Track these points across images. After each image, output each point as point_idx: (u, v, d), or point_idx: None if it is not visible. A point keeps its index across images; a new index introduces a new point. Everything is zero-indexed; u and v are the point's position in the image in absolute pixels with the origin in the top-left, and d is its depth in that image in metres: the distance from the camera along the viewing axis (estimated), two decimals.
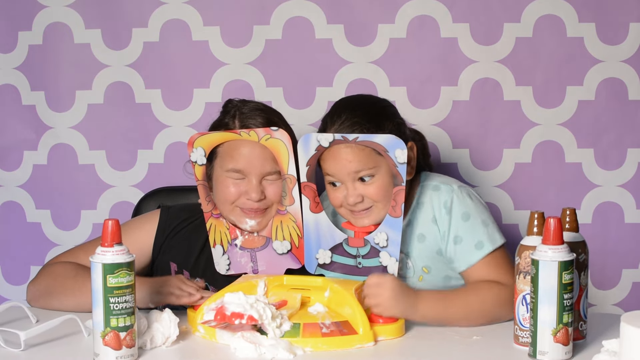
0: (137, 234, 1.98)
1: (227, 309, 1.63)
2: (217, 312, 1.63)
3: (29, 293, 1.90)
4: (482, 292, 1.77)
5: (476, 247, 1.82)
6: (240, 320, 1.61)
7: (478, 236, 1.83)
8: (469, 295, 1.77)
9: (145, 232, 1.99)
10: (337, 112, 1.84)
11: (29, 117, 2.44)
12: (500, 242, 1.84)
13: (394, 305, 1.70)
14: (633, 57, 2.34)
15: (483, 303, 1.75)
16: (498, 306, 1.74)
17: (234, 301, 1.64)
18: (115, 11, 2.38)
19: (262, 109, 1.93)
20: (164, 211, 2.01)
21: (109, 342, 1.53)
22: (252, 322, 1.61)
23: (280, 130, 1.78)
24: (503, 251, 1.85)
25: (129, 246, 1.93)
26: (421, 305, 1.72)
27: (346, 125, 1.80)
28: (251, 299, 1.64)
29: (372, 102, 1.91)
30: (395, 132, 1.78)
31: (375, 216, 1.81)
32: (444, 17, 2.34)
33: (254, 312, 1.61)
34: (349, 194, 1.79)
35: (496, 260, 1.82)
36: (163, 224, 1.99)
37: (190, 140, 1.82)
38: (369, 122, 1.80)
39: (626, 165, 2.37)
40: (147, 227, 1.99)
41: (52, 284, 1.86)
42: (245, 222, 1.86)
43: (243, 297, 1.65)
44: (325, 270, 1.83)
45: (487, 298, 1.75)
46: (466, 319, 1.74)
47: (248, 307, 1.62)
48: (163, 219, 2.00)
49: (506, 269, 1.79)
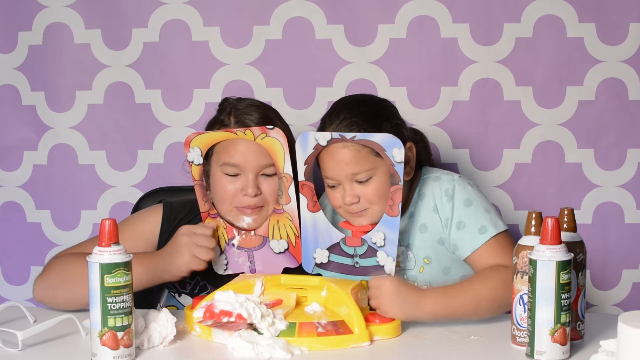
0: (143, 226, 1.98)
1: (217, 306, 1.63)
2: (207, 310, 1.63)
3: (37, 290, 1.87)
4: (488, 279, 1.75)
5: (479, 232, 1.83)
6: (228, 318, 1.61)
7: (481, 221, 1.83)
8: (475, 284, 1.75)
9: (151, 224, 1.98)
10: (335, 112, 1.85)
11: (29, 117, 2.44)
12: (503, 227, 1.84)
13: (394, 307, 1.70)
14: (633, 57, 2.33)
15: (491, 290, 1.74)
16: (507, 290, 1.68)
17: (223, 299, 1.65)
18: (115, 11, 2.38)
19: (257, 105, 1.94)
20: (167, 206, 2.01)
21: (107, 341, 1.53)
22: (240, 321, 1.61)
23: (276, 129, 1.78)
24: (507, 235, 1.85)
25: (137, 238, 1.94)
26: (426, 302, 1.71)
27: (344, 124, 1.81)
28: (241, 298, 1.65)
29: (371, 102, 1.91)
30: (393, 132, 1.78)
31: (372, 216, 1.81)
32: (444, 17, 2.34)
33: (243, 310, 1.61)
34: (346, 194, 1.80)
35: (500, 243, 1.82)
36: (167, 219, 1.99)
37: (187, 140, 1.82)
38: (367, 122, 1.81)
39: (626, 166, 2.37)
40: (152, 220, 1.99)
41: (60, 275, 1.84)
42: (242, 219, 1.87)
43: (233, 295, 1.65)
44: (323, 270, 1.83)
45: (494, 283, 1.74)
46: (476, 309, 1.74)
47: (237, 305, 1.62)
48: (167, 214, 1.99)
49: (512, 252, 1.76)
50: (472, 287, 1.75)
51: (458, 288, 1.76)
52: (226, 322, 1.62)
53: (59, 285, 1.83)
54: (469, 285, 1.76)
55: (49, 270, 1.89)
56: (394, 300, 1.70)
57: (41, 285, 1.87)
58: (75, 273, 1.79)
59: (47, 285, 1.85)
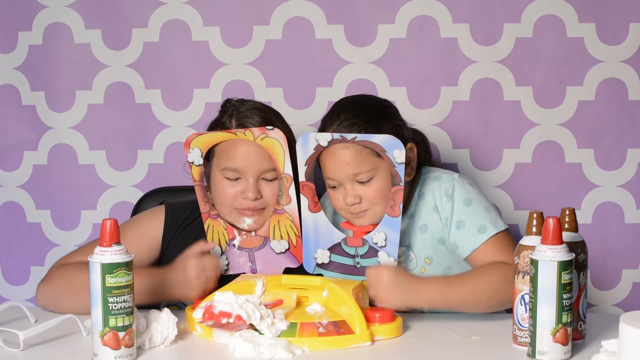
0: (147, 227, 1.98)
1: (216, 307, 1.63)
2: (206, 311, 1.63)
3: (41, 297, 1.86)
4: (489, 273, 1.76)
5: (479, 231, 1.83)
6: (227, 319, 1.61)
7: (480, 220, 1.83)
8: (475, 277, 1.76)
9: (155, 225, 1.98)
10: (336, 112, 1.85)
11: (29, 117, 2.44)
12: (503, 226, 1.85)
13: (392, 295, 1.70)
14: (633, 57, 2.33)
15: (491, 283, 1.74)
16: (508, 286, 1.68)
17: (222, 300, 1.65)
18: (115, 11, 2.38)
19: (259, 108, 1.93)
20: (169, 208, 2.01)
21: (108, 341, 1.53)
22: (240, 322, 1.61)
23: (275, 130, 1.78)
24: (507, 234, 1.85)
25: (141, 240, 1.94)
26: (425, 289, 1.72)
27: (344, 125, 1.81)
28: (240, 299, 1.64)
29: (371, 103, 1.91)
30: (394, 132, 1.78)
31: (373, 217, 1.81)
32: (444, 17, 2.34)
33: (242, 312, 1.61)
34: (347, 194, 1.80)
35: (500, 242, 1.82)
36: (170, 221, 1.99)
37: (187, 141, 1.82)
38: (368, 123, 1.81)
39: (626, 166, 2.37)
40: (155, 221, 1.99)
41: (65, 285, 1.83)
42: (243, 220, 1.87)
43: (232, 296, 1.65)
44: (324, 270, 1.83)
45: (495, 278, 1.74)
46: (475, 302, 1.74)
47: (237, 307, 1.62)
48: (169, 216, 1.99)
49: (512, 251, 1.76)
50: (473, 280, 1.76)
51: (458, 279, 1.77)
52: (225, 323, 1.62)
53: (63, 294, 1.82)
54: (470, 278, 1.77)
55: (53, 279, 1.87)
56: (392, 289, 1.70)
57: (44, 292, 1.86)
58: (80, 284, 1.77)
59: (51, 293, 1.85)
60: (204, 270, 1.79)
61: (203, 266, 1.80)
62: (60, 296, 1.82)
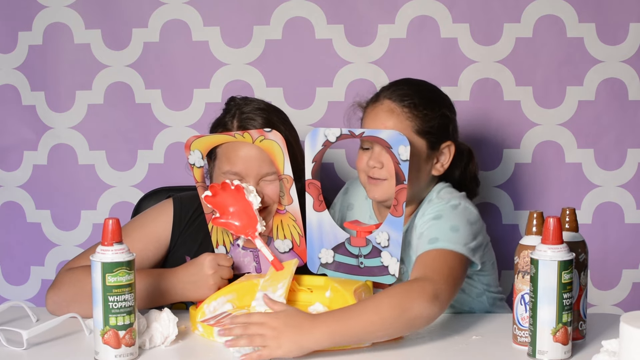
0: (154, 227, 1.97)
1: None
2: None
3: (51, 303, 1.84)
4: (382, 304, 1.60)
5: (430, 242, 1.75)
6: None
7: (437, 233, 1.76)
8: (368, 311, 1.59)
9: (162, 223, 1.98)
10: (396, 83, 1.93)
11: (29, 117, 2.44)
12: (462, 250, 1.73)
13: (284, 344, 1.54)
14: (633, 57, 2.34)
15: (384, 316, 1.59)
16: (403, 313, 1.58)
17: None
18: (115, 11, 2.38)
19: (263, 108, 1.92)
20: (177, 201, 2.00)
21: (108, 340, 1.54)
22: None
23: (273, 132, 1.77)
24: (460, 258, 1.73)
25: (147, 240, 1.93)
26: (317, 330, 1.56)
27: (398, 93, 1.87)
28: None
29: (432, 88, 1.97)
30: (440, 121, 1.85)
31: (384, 191, 1.84)
32: (444, 17, 2.35)
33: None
34: (373, 156, 1.84)
35: (444, 259, 1.71)
36: (178, 215, 1.98)
37: (187, 144, 1.82)
38: (421, 99, 1.87)
39: (626, 166, 2.37)
40: (163, 219, 1.98)
41: (76, 291, 1.81)
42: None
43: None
44: (328, 270, 1.83)
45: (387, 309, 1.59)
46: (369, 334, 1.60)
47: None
48: (177, 210, 1.99)
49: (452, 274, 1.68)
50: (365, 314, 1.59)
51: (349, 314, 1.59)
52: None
53: (73, 300, 1.80)
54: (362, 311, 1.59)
55: (63, 285, 1.85)
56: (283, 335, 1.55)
57: (54, 299, 1.84)
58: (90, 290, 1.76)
59: (61, 299, 1.83)
60: (219, 270, 1.79)
61: (218, 264, 1.80)
62: (71, 302, 1.80)
